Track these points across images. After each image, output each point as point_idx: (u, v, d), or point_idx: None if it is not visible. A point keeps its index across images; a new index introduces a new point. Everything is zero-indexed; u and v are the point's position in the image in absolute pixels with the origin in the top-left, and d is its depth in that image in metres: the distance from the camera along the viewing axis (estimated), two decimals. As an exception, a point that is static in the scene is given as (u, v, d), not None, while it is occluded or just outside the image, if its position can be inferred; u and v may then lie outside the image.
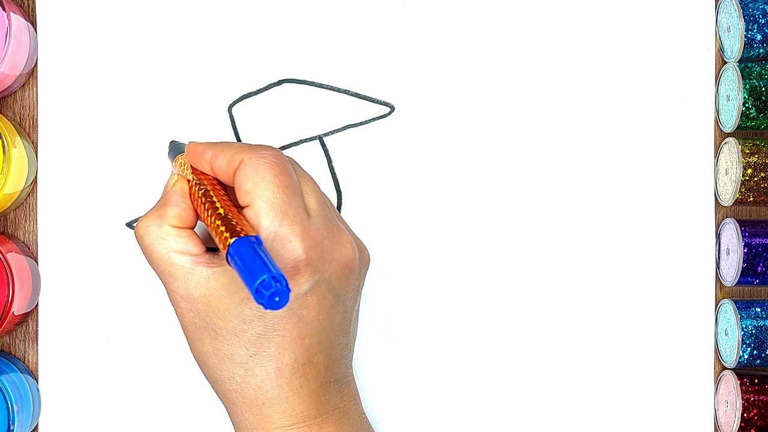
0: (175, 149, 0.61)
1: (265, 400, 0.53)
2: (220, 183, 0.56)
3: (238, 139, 0.67)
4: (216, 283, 0.53)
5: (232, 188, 0.55)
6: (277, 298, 0.46)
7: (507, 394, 0.68)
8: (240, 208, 0.54)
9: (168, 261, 0.54)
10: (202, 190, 0.55)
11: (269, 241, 0.52)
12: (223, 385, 0.54)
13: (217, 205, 0.53)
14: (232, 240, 0.49)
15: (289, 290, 0.46)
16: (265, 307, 0.45)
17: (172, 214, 0.55)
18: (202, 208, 0.54)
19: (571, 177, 0.68)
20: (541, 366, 0.68)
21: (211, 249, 0.57)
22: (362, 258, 0.57)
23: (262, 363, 0.53)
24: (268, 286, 0.46)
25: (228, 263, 0.49)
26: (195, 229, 0.56)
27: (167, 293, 0.55)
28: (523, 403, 0.68)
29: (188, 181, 0.56)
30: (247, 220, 0.53)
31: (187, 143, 0.59)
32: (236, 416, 0.55)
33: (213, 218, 0.52)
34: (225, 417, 0.66)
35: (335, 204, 0.67)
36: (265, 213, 0.52)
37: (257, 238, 0.49)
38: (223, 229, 0.50)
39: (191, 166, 0.57)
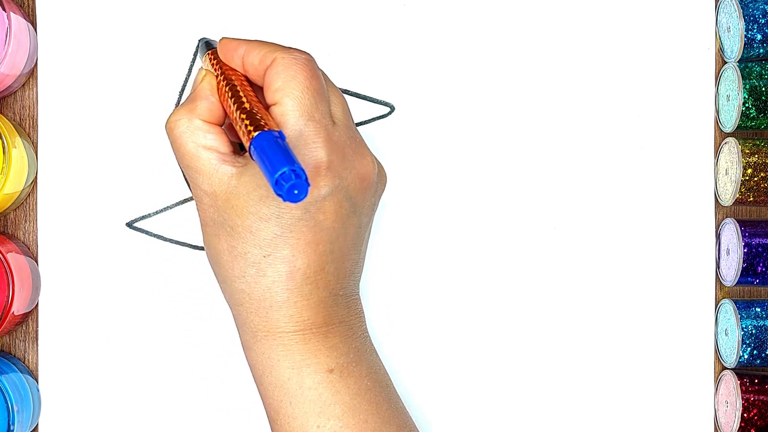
0: (206, 45, 0.60)
1: (273, 303, 0.53)
2: (249, 81, 0.56)
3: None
4: (237, 180, 0.53)
5: (260, 89, 0.55)
6: (296, 191, 0.45)
7: (507, 394, 0.68)
8: (267, 106, 0.54)
9: (195, 156, 0.54)
10: (229, 85, 0.54)
11: (293, 139, 0.52)
12: (233, 284, 0.54)
13: (243, 99, 0.53)
14: (256, 133, 0.49)
15: (308, 184, 0.46)
16: (284, 199, 0.45)
17: (203, 108, 0.55)
18: (229, 102, 0.53)
19: (572, 177, 0.68)
20: (541, 365, 0.68)
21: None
22: (380, 175, 0.57)
23: (274, 264, 0.53)
24: (288, 178, 0.45)
25: (250, 156, 0.49)
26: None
27: (190, 187, 0.55)
28: (523, 403, 0.68)
29: (216, 76, 0.56)
30: (272, 118, 0.53)
31: (218, 40, 0.58)
32: (241, 317, 0.55)
33: (238, 112, 0.52)
34: (225, 417, 0.66)
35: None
36: (292, 112, 0.52)
37: (280, 133, 0.49)
38: (247, 122, 0.50)
39: (220, 62, 0.56)
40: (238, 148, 0.56)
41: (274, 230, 0.52)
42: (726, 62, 0.68)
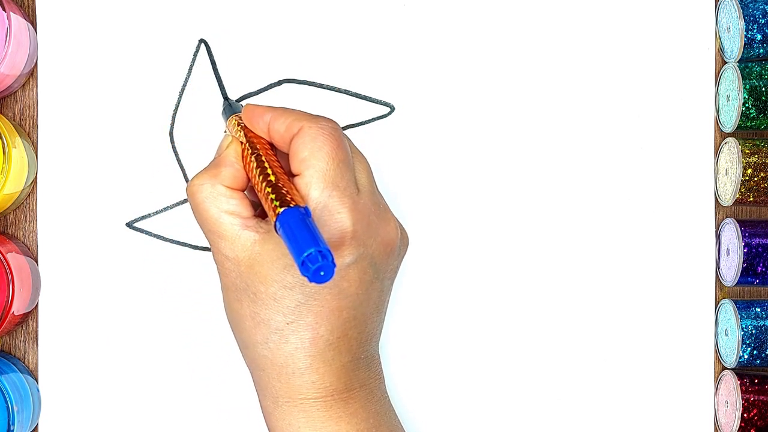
0: (230, 109, 0.61)
1: (295, 369, 0.53)
2: (272, 148, 0.56)
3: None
4: (261, 248, 0.53)
5: (284, 155, 0.56)
6: (322, 273, 0.46)
7: (507, 394, 0.68)
8: (291, 175, 0.54)
9: (218, 221, 0.54)
10: (255, 154, 0.54)
11: (318, 211, 0.52)
12: (255, 349, 0.54)
13: (269, 171, 0.53)
14: (282, 209, 0.49)
15: (334, 265, 0.46)
16: (309, 280, 0.46)
17: (226, 175, 0.55)
18: (254, 173, 0.54)
19: (572, 177, 0.68)
20: (541, 365, 0.68)
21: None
22: (403, 240, 0.57)
23: (297, 331, 0.53)
24: (314, 260, 0.46)
25: (276, 231, 0.49)
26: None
27: (212, 252, 0.55)
28: (523, 403, 0.68)
29: (241, 143, 0.56)
30: (297, 189, 0.53)
31: (243, 104, 0.59)
32: (263, 383, 0.55)
33: (264, 184, 0.52)
34: (225, 417, 0.66)
35: None
36: (317, 183, 0.53)
37: (306, 209, 0.49)
38: (273, 196, 0.50)
39: (244, 128, 0.57)
40: (259, 212, 0.56)
41: (298, 298, 0.52)
42: (726, 62, 0.68)
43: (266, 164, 0.53)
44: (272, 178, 0.52)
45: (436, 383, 0.68)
